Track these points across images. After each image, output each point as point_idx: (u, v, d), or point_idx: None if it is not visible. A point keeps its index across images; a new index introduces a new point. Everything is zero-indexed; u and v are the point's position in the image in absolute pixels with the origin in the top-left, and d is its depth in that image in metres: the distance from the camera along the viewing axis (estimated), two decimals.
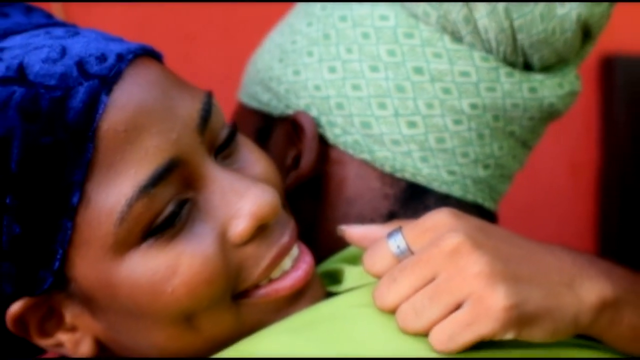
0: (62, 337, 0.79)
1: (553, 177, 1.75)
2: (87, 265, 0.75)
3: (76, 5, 1.41)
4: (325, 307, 0.78)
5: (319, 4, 0.91)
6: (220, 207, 0.77)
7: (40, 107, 0.72)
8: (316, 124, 0.88)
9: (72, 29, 0.79)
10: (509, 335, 0.72)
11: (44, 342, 0.79)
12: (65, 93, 0.73)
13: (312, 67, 0.89)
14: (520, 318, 0.72)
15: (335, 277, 0.85)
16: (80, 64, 0.74)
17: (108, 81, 0.74)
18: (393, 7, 0.87)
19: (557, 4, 0.85)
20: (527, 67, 0.89)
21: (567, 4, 0.85)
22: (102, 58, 0.75)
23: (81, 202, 0.73)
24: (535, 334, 0.73)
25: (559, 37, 0.86)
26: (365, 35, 0.87)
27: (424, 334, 0.73)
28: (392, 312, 0.75)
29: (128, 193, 0.73)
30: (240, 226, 0.77)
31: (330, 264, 0.86)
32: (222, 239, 0.77)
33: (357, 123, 0.87)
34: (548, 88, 0.89)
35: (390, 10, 0.87)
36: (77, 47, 0.75)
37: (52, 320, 0.78)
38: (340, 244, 0.85)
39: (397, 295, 0.74)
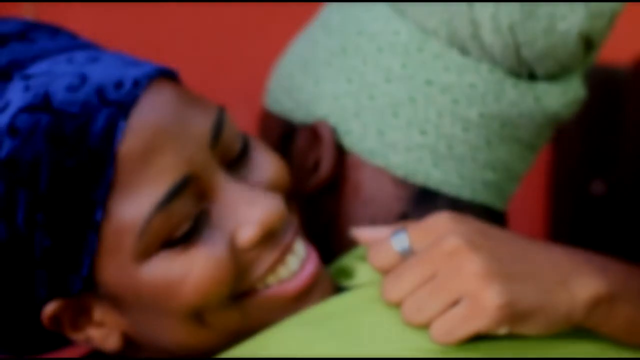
0: (92, 331, 0.84)
1: None
2: (113, 270, 0.79)
3: (47, 6, 1.39)
4: (338, 302, 0.82)
5: (336, 19, 0.94)
6: (231, 216, 0.80)
7: (65, 133, 0.76)
8: (334, 131, 0.92)
9: (93, 54, 0.82)
10: (503, 331, 0.76)
11: (76, 336, 0.84)
12: (87, 120, 0.77)
13: (331, 77, 0.92)
14: (512, 315, 0.75)
15: (348, 273, 0.88)
16: (100, 91, 0.78)
17: (125, 107, 0.77)
18: (405, 23, 0.90)
19: (559, 19, 0.87)
20: (532, 76, 0.91)
21: (568, 19, 0.87)
22: (119, 85, 0.78)
23: (104, 218, 0.77)
24: (528, 329, 0.77)
25: (561, 50, 0.89)
26: (380, 49, 0.90)
27: (425, 327, 0.77)
28: (398, 306, 0.79)
29: (146, 209, 0.77)
30: (248, 233, 0.80)
31: (345, 260, 0.90)
32: (232, 244, 0.80)
33: (372, 131, 0.91)
34: (552, 96, 0.91)
35: (403, 26, 0.90)
36: (96, 74, 0.79)
37: (82, 317, 0.83)
38: (355, 242, 0.89)
39: (401, 291, 0.78)
